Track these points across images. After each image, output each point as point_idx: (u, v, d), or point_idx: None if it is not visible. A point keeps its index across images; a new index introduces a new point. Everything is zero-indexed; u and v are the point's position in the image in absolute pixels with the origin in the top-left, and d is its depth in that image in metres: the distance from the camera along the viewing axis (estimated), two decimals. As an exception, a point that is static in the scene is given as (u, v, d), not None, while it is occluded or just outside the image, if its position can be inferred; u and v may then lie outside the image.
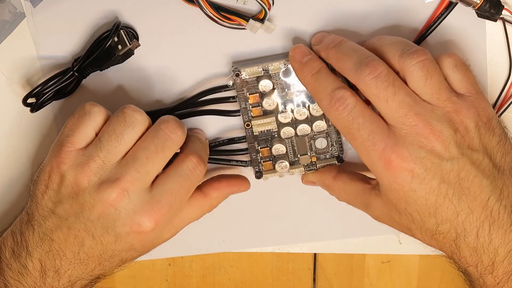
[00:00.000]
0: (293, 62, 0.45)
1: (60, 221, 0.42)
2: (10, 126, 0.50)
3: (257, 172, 0.49)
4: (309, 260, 0.53)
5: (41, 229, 0.43)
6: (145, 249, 0.45)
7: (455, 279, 0.52)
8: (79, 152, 0.42)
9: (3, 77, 0.49)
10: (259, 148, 0.48)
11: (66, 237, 0.42)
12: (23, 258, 0.43)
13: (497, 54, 0.47)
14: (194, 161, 0.43)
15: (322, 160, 0.49)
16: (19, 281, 0.43)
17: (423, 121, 0.39)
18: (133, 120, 0.42)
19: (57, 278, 0.43)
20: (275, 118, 0.48)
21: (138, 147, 0.42)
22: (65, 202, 0.42)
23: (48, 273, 0.43)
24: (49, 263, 0.43)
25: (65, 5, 0.47)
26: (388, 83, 0.40)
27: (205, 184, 0.47)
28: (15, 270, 0.43)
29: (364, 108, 0.41)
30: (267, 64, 0.46)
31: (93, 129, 0.43)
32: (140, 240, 0.43)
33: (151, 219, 0.42)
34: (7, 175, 0.51)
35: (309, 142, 0.48)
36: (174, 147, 0.43)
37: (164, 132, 0.42)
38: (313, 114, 0.47)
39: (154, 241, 0.45)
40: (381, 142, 0.40)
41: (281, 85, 0.47)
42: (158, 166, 0.43)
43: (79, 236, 0.42)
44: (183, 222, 0.46)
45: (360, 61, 0.41)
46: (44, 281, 0.43)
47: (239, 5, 0.46)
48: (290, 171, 0.49)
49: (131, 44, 0.46)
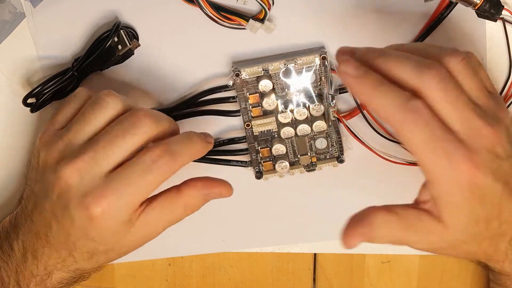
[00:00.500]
0: (346, 77, 0.38)
1: (37, 201, 0.42)
2: (10, 126, 0.50)
3: (257, 172, 0.49)
4: (309, 260, 0.53)
5: (26, 209, 0.43)
6: (108, 242, 0.42)
7: (455, 279, 0.52)
8: (56, 132, 0.43)
9: (3, 77, 0.49)
10: (259, 148, 0.48)
11: (40, 218, 0.42)
12: (12, 239, 0.43)
13: (497, 54, 0.47)
14: (157, 152, 0.40)
15: (322, 160, 0.49)
16: (7, 263, 0.43)
17: (486, 122, 0.37)
18: (103, 103, 0.42)
19: (35, 263, 0.43)
20: (275, 118, 0.48)
21: (103, 131, 0.41)
22: (39, 180, 0.42)
23: (27, 255, 0.43)
24: (29, 245, 0.43)
25: (65, 5, 0.47)
26: (453, 85, 0.37)
27: (184, 182, 0.44)
28: (5, 251, 0.44)
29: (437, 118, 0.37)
30: (267, 64, 0.46)
31: (74, 110, 0.43)
32: (93, 228, 0.41)
33: (98, 203, 0.40)
34: (7, 175, 0.51)
35: (309, 142, 0.48)
36: (139, 136, 0.41)
37: (130, 118, 0.41)
38: (313, 114, 0.47)
39: (117, 235, 0.42)
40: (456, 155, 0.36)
41: (281, 85, 0.47)
42: (119, 152, 0.41)
43: (47, 217, 0.42)
44: (157, 220, 0.43)
45: (419, 65, 0.37)
46: (25, 265, 0.43)
47: (239, 5, 0.46)
48: (290, 171, 0.49)
49: (131, 44, 0.46)
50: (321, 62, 0.46)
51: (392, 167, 0.49)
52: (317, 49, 0.47)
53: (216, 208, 0.50)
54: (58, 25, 0.47)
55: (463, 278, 0.52)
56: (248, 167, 0.49)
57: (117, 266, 0.54)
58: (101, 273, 0.54)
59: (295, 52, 0.47)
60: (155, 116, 0.42)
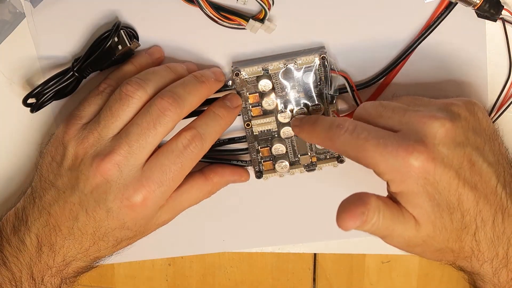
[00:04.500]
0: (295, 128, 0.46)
1: (58, 194, 0.43)
2: (10, 126, 0.50)
3: (257, 172, 0.49)
4: (309, 260, 0.53)
5: (41, 202, 0.43)
6: (139, 228, 0.44)
7: (455, 279, 0.52)
8: (82, 126, 0.43)
9: (3, 77, 0.49)
10: (259, 148, 0.48)
11: (62, 211, 0.42)
12: (22, 233, 0.44)
13: (497, 54, 0.47)
14: (188, 138, 0.43)
15: (322, 160, 0.49)
16: (17, 257, 0.44)
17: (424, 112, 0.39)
18: (128, 97, 0.42)
19: (52, 255, 0.43)
20: (275, 118, 0.48)
21: (132, 123, 0.42)
22: (64, 175, 0.43)
23: (43, 249, 0.43)
24: (45, 238, 0.43)
25: (65, 5, 0.47)
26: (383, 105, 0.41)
27: (207, 168, 0.47)
28: (14, 246, 0.44)
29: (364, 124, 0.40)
30: (267, 64, 0.46)
31: (99, 105, 0.44)
32: (132, 217, 0.42)
33: (140, 194, 0.42)
34: (7, 175, 0.51)
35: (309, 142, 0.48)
36: (168, 124, 0.42)
37: (156, 108, 0.42)
38: (313, 114, 0.47)
39: (149, 220, 0.44)
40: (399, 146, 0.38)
41: (280, 85, 0.47)
42: (151, 142, 0.42)
43: (73, 210, 0.42)
44: (182, 205, 0.46)
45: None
46: (39, 258, 0.43)
47: (239, 5, 0.46)
48: (290, 171, 0.49)
49: (131, 44, 0.46)
50: (320, 62, 0.46)
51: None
52: (317, 49, 0.47)
53: (216, 208, 0.50)
54: (58, 25, 0.47)
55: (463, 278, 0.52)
56: (248, 166, 0.49)
57: (117, 266, 0.54)
58: (101, 273, 0.54)
59: (295, 52, 0.47)
60: (179, 99, 0.42)
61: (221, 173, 0.47)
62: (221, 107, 0.45)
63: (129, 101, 0.42)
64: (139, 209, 0.42)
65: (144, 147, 0.42)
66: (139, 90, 0.43)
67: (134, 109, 0.43)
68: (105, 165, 0.41)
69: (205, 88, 0.44)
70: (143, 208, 0.42)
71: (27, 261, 0.43)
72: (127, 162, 0.42)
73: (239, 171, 0.48)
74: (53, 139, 0.45)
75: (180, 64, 0.46)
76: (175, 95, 0.42)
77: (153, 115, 0.42)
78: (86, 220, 0.42)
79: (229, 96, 0.46)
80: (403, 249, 0.41)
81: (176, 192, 0.45)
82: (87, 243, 0.43)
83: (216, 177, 0.47)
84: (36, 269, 0.43)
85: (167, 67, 0.45)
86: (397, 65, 0.47)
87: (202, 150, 0.43)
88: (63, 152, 0.43)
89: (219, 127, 0.45)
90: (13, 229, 0.44)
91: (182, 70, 0.46)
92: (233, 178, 0.48)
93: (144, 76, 0.44)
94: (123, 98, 0.42)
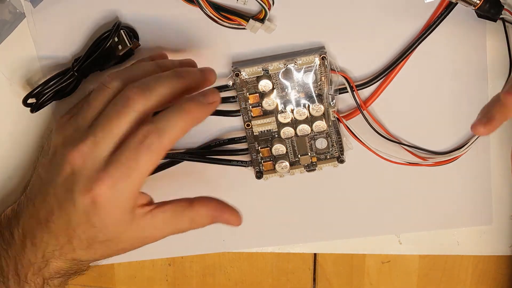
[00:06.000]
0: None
1: (42, 186, 0.42)
2: (10, 126, 0.50)
3: (257, 172, 0.49)
4: (309, 260, 0.53)
5: (30, 194, 0.43)
6: (108, 232, 0.42)
7: (455, 279, 0.52)
8: (69, 119, 0.43)
9: (3, 77, 0.49)
10: (259, 148, 0.48)
11: (43, 203, 0.42)
12: (13, 225, 0.44)
13: (497, 54, 0.47)
14: (143, 133, 0.39)
15: (323, 160, 0.49)
16: (7, 251, 0.43)
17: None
18: (103, 86, 0.42)
19: (34, 250, 0.43)
20: (275, 118, 0.48)
21: (102, 113, 0.41)
22: (47, 164, 0.43)
23: (26, 242, 0.43)
24: (28, 231, 0.43)
25: (65, 5, 0.47)
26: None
27: (198, 197, 0.44)
28: (6, 239, 0.44)
29: None
30: (267, 64, 0.46)
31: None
32: (96, 213, 0.40)
33: (98, 187, 0.40)
34: (7, 175, 0.51)
35: (309, 142, 0.48)
36: (132, 114, 0.40)
37: (122, 98, 0.41)
38: (313, 114, 0.47)
39: (119, 225, 0.42)
40: None
41: (280, 85, 0.47)
42: (117, 133, 0.40)
43: (50, 201, 0.42)
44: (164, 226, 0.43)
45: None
46: (23, 252, 0.43)
47: (239, 5, 0.46)
48: (291, 172, 0.49)
49: (131, 44, 0.46)
50: (320, 62, 0.46)
51: (392, 167, 0.49)
52: (317, 49, 0.47)
53: (216, 208, 0.50)
54: (58, 25, 0.47)
55: (463, 278, 0.52)
56: (249, 167, 0.49)
57: (117, 266, 0.54)
58: (101, 273, 0.54)
59: (295, 52, 0.47)
60: (147, 89, 0.40)
61: (205, 204, 0.44)
62: (191, 101, 0.41)
63: (104, 90, 0.41)
64: (100, 204, 0.40)
65: (108, 137, 0.40)
66: (114, 80, 0.42)
67: (107, 99, 0.42)
68: (72, 154, 0.40)
69: (182, 83, 0.42)
70: (103, 204, 0.40)
71: (14, 254, 0.43)
72: (91, 153, 0.40)
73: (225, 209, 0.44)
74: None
75: (172, 61, 0.45)
76: (143, 85, 0.41)
77: (118, 105, 0.40)
78: (59, 213, 0.41)
79: (206, 90, 0.42)
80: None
81: (157, 209, 0.42)
82: (62, 239, 0.42)
83: (200, 207, 0.43)
84: (20, 264, 0.43)
85: (156, 63, 0.44)
86: (397, 65, 0.47)
87: (161, 146, 0.40)
88: (49, 143, 0.44)
89: (184, 123, 0.40)
90: (7, 223, 0.44)
91: (171, 66, 0.44)
92: (218, 214, 0.44)
93: (126, 70, 0.43)
94: (99, 88, 0.42)
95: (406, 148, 0.48)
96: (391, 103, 0.48)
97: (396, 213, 0.51)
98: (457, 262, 0.52)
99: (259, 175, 0.49)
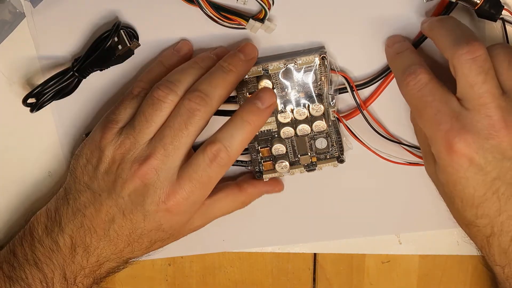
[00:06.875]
0: (386, 47, 0.46)
1: (94, 196, 0.43)
2: (10, 126, 0.50)
3: (257, 172, 0.49)
4: (309, 260, 0.53)
5: (76, 204, 0.44)
6: (174, 231, 0.45)
7: (455, 279, 0.52)
8: (119, 130, 0.44)
9: (3, 77, 0.49)
10: (259, 148, 0.48)
11: (97, 213, 0.43)
12: (55, 233, 0.44)
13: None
14: (213, 152, 0.42)
15: (323, 160, 0.49)
16: (50, 258, 0.44)
17: (501, 115, 0.38)
18: (160, 102, 0.43)
19: (86, 256, 0.44)
20: (275, 118, 0.48)
21: (165, 126, 0.43)
22: (100, 178, 0.43)
23: (77, 250, 0.44)
24: (79, 240, 0.43)
25: (65, 5, 0.47)
26: (482, 69, 0.38)
27: (242, 179, 0.48)
28: (46, 246, 0.44)
29: (436, 87, 0.40)
30: (266, 64, 0.46)
31: (133, 108, 0.45)
32: (167, 219, 0.43)
33: (174, 199, 0.42)
34: (7, 175, 0.51)
35: (309, 142, 0.48)
36: (198, 122, 0.43)
37: (186, 109, 0.42)
38: (312, 114, 0.47)
39: (183, 224, 0.45)
40: (447, 123, 0.39)
41: (280, 85, 0.47)
42: (185, 142, 0.43)
43: (110, 212, 0.43)
44: (215, 213, 0.47)
45: (461, 38, 0.40)
46: (73, 259, 0.44)
47: (239, 5, 0.46)
48: (291, 171, 0.49)
49: (131, 44, 0.46)
50: (320, 62, 0.46)
51: (392, 167, 0.49)
52: (316, 49, 0.47)
53: (216, 208, 0.50)
54: (58, 25, 0.47)
55: (463, 278, 0.52)
56: (249, 167, 0.49)
57: (117, 266, 0.54)
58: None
59: (295, 52, 0.47)
60: (206, 97, 0.43)
61: (254, 184, 0.48)
62: (250, 112, 0.43)
63: (161, 105, 0.43)
64: (174, 213, 0.43)
65: (178, 148, 0.42)
66: (170, 94, 0.43)
67: (166, 113, 0.43)
68: (143, 169, 0.42)
69: (233, 76, 0.44)
70: (178, 212, 0.43)
71: (60, 262, 0.44)
72: (163, 166, 0.42)
73: (272, 181, 0.49)
74: (88, 142, 0.45)
75: (208, 54, 0.46)
76: (202, 94, 0.43)
77: (183, 117, 0.42)
78: (122, 222, 0.43)
79: (260, 93, 0.44)
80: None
81: (210, 200, 0.46)
82: (122, 245, 0.44)
83: (250, 188, 0.48)
84: (69, 270, 0.44)
85: (195, 62, 0.45)
86: (397, 65, 0.47)
87: (229, 161, 0.43)
88: (99, 155, 0.44)
89: (247, 136, 0.43)
90: (46, 230, 0.45)
91: (211, 62, 0.45)
92: (266, 189, 0.49)
93: (173, 77, 0.44)
94: (155, 103, 0.43)
95: (406, 148, 0.48)
96: (391, 103, 0.48)
97: (396, 213, 0.51)
98: (457, 262, 0.52)
99: (259, 175, 0.49)
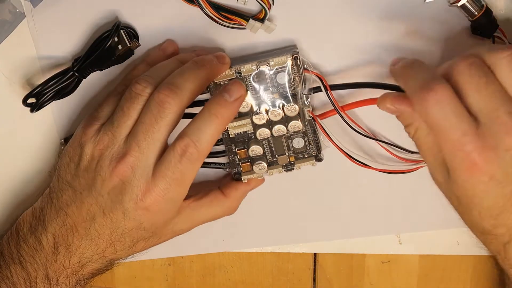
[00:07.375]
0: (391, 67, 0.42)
1: (75, 195, 0.43)
2: (10, 126, 0.50)
3: (235, 173, 0.49)
4: (309, 260, 0.53)
5: (58, 202, 0.44)
6: (155, 230, 0.44)
7: (455, 279, 0.52)
8: (99, 127, 0.44)
9: (3, 77, 0.49)
10: (236, 150, 0.48)
11: (79, 211, 0.43)
12: (39, 232, 0.44)
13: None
14: (182, 147, 0.42)
15: (301, 160, 0.48)
16: (33, 257, 0.44)
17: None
18: (137, 95, 0.43)
19: (68, 256, 0.43)
20: (250, 119, 0.47)
21: (138, 122, 0.43)
22: (81, 175, 0.43)
23: (59, 249, 0.43)
24: (61, 239, 0.43)
25: (65, 5, 0.47)
26: (482, 72, 0.37)
27: (225, 185, 0.48)
28: (30, 245, 0.44)
29: (457, 105, 0.37)
30: (239, 66, 0.45)
31: (113, 105, 0.45)
32: (148, 218, 0.43)
33: (151, 196, 0.42)
34: (7, 175, 0.51)
35: (286, 142, 0.48)
36: (169, 116, 0.42)
37: (155, 102, 0.42)
38: (288, 114, 0.46)
39: (165, 224, 0.45)
40: (471, 144, 0.36)
41: (254, 86, 0.46)
42: (158, 138, 0.42)
43: (91, 210, 0.43)
44: (200, 217, 0.47)
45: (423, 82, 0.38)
46: (55, 258, 0.44)
47: (239, 5, 0.46)
48: (269, 172, 0.48)
49: (131, 44, 0.46)
50: (293, 63, 0.45)
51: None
52: (289, 49, 0.46)
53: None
54: (58, 25, 0.47)
55: (463, 278, 0.52)
56: (227, 169, 0.49)
57: (117, 266, 0.54)
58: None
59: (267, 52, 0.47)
60: (176, 89, 0.42)
61: (237, 187, 0.48)
62: (218, 105, 0.43)
63: (139, 99, 0.43)
64: (153, 211, 0.43)
65: (151, 143, 0.42)
66: (147, 87, 0.43)
67: (141, 106, 0.43)
68: (120, 167, 0.42)
69: (205, 73, 0.44)
70: (156, 210, 0.43)
71: (43, 261, 0.44)
72: (139, 163, 0.42)
73: (253, 179, 0.49)
74: (71, 140, 0.45)
75: (190, 53, 0.46)
76: (171, 85, 0.42)
77: (153, 111, 0.42)
78: (103, 221, 0.43)
79: (228, 85, 0.44)
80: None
81: (194, 204, 0.46)
82: (104, 244, 0.44)
83: (232, 192, 0.48)
84: (51, 269, 0.44)
85: (176, 59, 0.45)
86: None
87: (200, 156, 0.42)
88: (80, 153, 0.44)
89: (215, 129, 0.42)
90: (30, 229, 0.45)
91: (189, 58, 0.45)
92: (248, 188, 0.49)
93: (153, 73, 0.44)
94: (133, 97, 0.43)
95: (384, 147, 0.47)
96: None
97: (396, 213, 0.51)
98: (457, 262, 0.52)
99: (238, 176, 0.49)
